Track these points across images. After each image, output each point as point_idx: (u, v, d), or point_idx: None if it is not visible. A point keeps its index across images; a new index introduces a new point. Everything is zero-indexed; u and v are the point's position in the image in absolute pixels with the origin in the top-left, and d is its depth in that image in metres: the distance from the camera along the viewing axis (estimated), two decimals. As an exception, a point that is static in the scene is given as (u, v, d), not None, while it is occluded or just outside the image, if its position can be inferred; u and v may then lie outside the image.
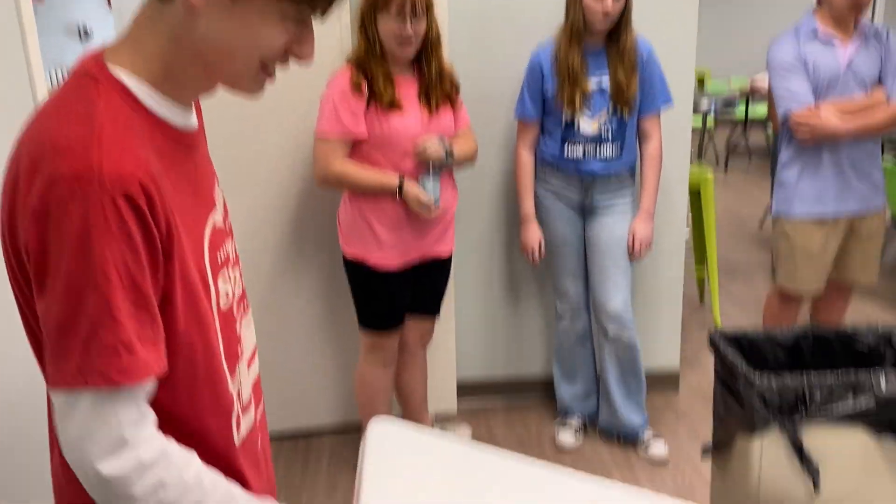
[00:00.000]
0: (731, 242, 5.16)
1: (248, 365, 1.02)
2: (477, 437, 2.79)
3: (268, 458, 1.15)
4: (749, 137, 8.08)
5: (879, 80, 2.55)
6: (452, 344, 2.87)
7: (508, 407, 3.02)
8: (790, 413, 1.60)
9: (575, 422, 2.80)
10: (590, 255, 2.60)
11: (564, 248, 2.64)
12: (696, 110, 6.49)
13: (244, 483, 0.95)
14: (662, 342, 3.06)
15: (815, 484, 1.64)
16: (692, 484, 2.51)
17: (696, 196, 3.69)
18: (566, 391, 2.82)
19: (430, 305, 2.45)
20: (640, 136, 2.58)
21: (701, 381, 3.18)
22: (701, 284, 4.07)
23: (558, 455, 2.70)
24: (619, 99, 2.44)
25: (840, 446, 1.63)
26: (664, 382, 3.09)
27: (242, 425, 0.97)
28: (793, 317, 2.81)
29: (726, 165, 7.64)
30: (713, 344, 1.78)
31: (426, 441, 1.40)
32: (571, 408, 2.82)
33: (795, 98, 2.51)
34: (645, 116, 2.55)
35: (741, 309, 3.97)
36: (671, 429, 2.83)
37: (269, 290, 2.66)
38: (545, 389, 3.00)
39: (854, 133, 2.48)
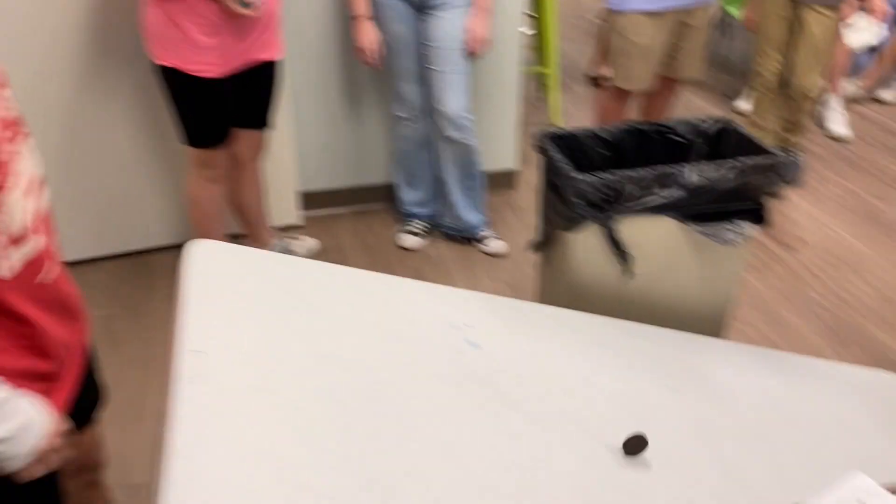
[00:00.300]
0: (573, 38, 5.18)
1: (25, 194, 0.94)
2: (325, 246, 2.81)
3: (70, 294, 1.10)
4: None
5: None
6: (292, 155, 2.78)
7: (355, 214, 3.04)
8: (606, 208, 1.69)
9: (418, 225, 2.86)
10: (426, 56, 2.52)
11: (401, 48, 2.54)
12: None
13: (23, 319, 0.93)
14: (501, 142, 3.10)
15: (629, 270, 1.77)
16: (527, 275, 2.67)
17: (538, -10, 3.60)
18: (408, 196, 2.85)
19: (258, 116, 2.33)
20: None
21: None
22: (542, 82, 4.10)
23: (403, 257, 2.78)
24: None
25: (651, 234, 1.76)
26: (503, 181, 3.18)
27: (14, 257, 0.92)
28: (624, 112, 2.91)
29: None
30: (538, 144, 1.81)
31: (246, 259, 1.37)
32: (414, 212, 2.87)
33: None
34: None
35: (584, 107, 4.07)
36: (509, 225, 2.96)
37: (77, 110, 2.43)
38: (390, 195, 3.02)
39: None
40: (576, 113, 3.98)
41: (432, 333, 1.43)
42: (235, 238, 2.71)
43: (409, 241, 2.82)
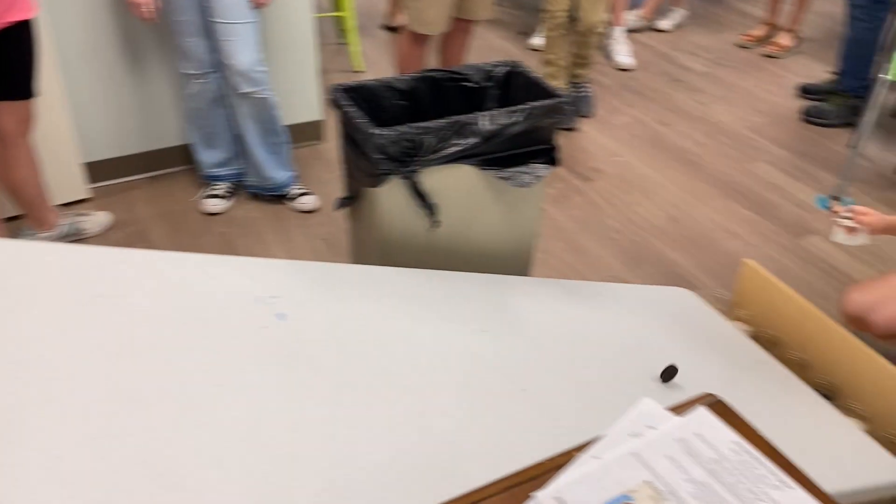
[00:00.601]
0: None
1: None
2: (119, 219, 2.61)
3: None
4: None
5: None
6: (67, 124, 2.53)
7: (150, 181, 2.84)
8: (408, 161, 1.68)
9: (221, 187, 2.73)
10: (209, 8, 2.36)
11: (180, 0, 2.36)
12: None
13: None
14: (303, 92, 3.01)
15: (434, 220, 1.79)
16: (344, 229, 2.64)
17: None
18: (208, 157, 2.70)
19: (15, 86, 2.08)
20: None
21: (346, 127, 3.24)
22: (341, 28, 4.00)
23: (208, 223, 2.64)
24: None
25: (452, 183, 1.79)
26: (310, 132, 3.09)
27: None
28: (422, 55, 2.90)
29: None
30: (333, 99, 1.76)
31: (17, 253, 1.24)
32: (216, 174, 2.73)
33: None
34: None
35: (385, 51, 4.02)
36: (320, 178, 2.90)
37: None
38: (189, 158, 2.84)
39: None
40: (377, 58, 3.93)
41: (236, 311, 1.37)
42: (14, 220, 2.45)
43: (214, 205, 2.69)
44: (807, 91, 3.67)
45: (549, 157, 1.87)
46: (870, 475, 1.56)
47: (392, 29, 4.27)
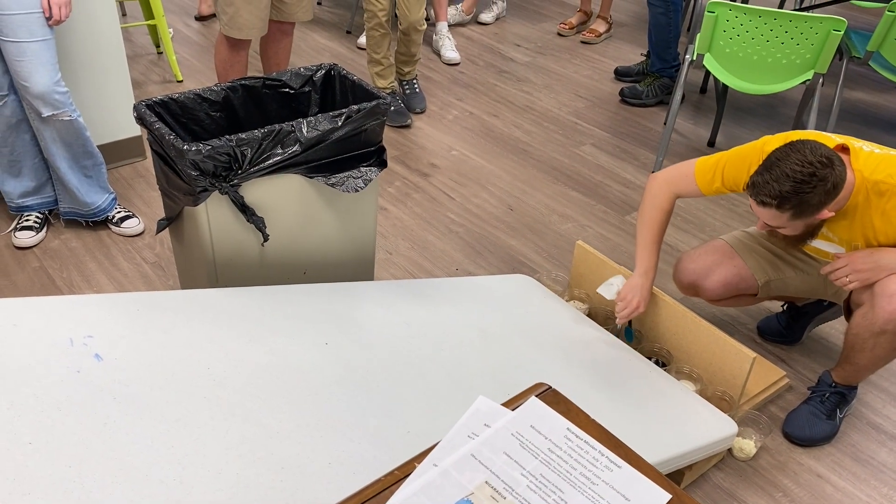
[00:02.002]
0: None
1: None
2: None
3: None
4: None
5: None
6: None
7: (-51, 219, 2.56)
8: (227, 175, 1.61)
9: (33, 218, 2.50)
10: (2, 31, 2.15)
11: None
12: None
13: None
14: (117, 108, 2.81)
15: (263, 233, 1.72)
16: (171, 251, 2.50)
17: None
18: (14, 187, 2.47)
19: None
20: None
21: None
22: (156, 38, 3.80)
23: (22, 258, 2.42)
24: None
25: (279, 194, 1.73)
26: (128, 150, 2.90)
27: None
28: (242, 61, 2.80)
29: None
30: (140, 117, 1.65)
31: None
32: (25, 204, 2.50)
33: None
34: None
35: (207, 57, 3.84)
36: (144, 197, 2.73)
37: None
38: (-10, 189, 2.59)
39: None
40: (198, 65, 3.75)
41: (46, 357, 1.25)
42: None
43: (25, 238, 2.46)
44: (620, 73, 3.87)
45: (377, 158, 1.85)
46: (703, 434, 1.66)
47: (202, 18, 4.14)
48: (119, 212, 2.56)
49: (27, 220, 2.49)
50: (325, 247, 1.90)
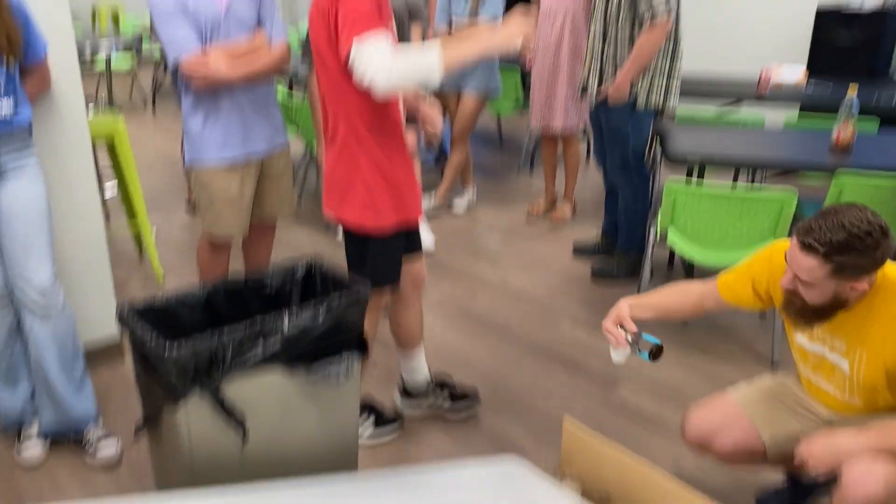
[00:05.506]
0: (171, 187, 5.07)
1: None
2: None
3: None
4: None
5: (260, 23, 2.66)
6: None
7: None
8: (207, 374, 1.60)
9: (34, 431, 2.41)
10: (3, 229, 2.20)
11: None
12: (98, 52, 6.02)
13: None
14: (100, 312, 2.84)
15: (243, 435, 1.69)
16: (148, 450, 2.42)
17: (113, 148, 3.46)
18: (11, 400, 2.38)
19: None
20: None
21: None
22: (138, 239, 3.91)
23: (26, 479, 2.32)
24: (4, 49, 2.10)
25: (261, 390, 1.72)
26: (108, 355, 2.89)
27: None
28: (225, 260, 2.88)
29: (154, 106, 7.45)
30: (122, 320, 1.67)
31: None
32: (25, 416, 2.41)
33: (182, 45, 2.46)
34: (30, 65, 2.26)
35: (189, 258, 3.95)
36: (122, 404, 2.68)
37: None
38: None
39: (244, 78, 2.56)
40: (180, 266, 3.84)
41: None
42: None
43: (33, 450, 2.37)
44: (578, 250, 4.02)
45: (358, 347, 1.87)
46: None
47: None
48: (97, 434, 2.43)
49: (29, 432, 2.41)
50: (307, 439, 1.87)
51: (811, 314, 1.71)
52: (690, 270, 3.38)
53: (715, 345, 3.12)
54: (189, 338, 1.57)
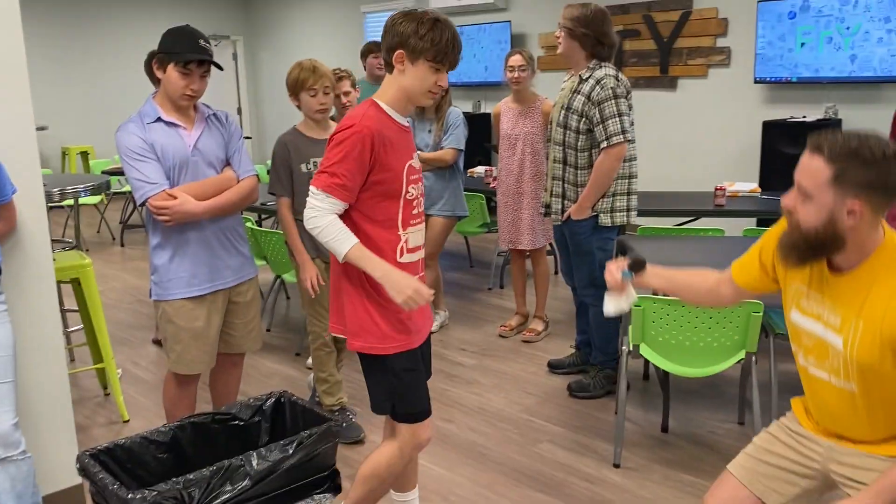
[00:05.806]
0: (138, 321, 5.00)
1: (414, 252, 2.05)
2: None
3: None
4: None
5: (228, 161, 2.72)
6: None
7: None
8: (172, 520, 1.52)
9: None
10: None
11: None
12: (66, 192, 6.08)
13: None
14: (60, 457, 2.71)
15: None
16: None
17: (79, 287, 3.42)
18: None
19: None
20: None
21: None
22: (103, 378, 3.81)
23: None
24: None
25: (229, 535, 1.63)
26: (67, 500, 2.74)
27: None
28: (192, 393, 2.80)
29: (122, 241, 7.46)
30: (83, 468, 1.60)
31: None
32: None
33: (149, 184, 2.50)
34: None
35: (155, 396, 3.84)
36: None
37: None
38: None
39: (212, 212, 2.59)
40: (146, 402, 3.73)
41: None
42: None
43: None
44: (553, 366, 4.00)
45: (331, 483, 1.80)
46: None
47: (159, 342, 4.18)
48: None
49: None
50: (280, 588, 1.76)
51: (804, 246, 1.64)
52: (666, 382, 3.36)
53: (699, 459, 3.06)
54: (155, 483, 1.51)
